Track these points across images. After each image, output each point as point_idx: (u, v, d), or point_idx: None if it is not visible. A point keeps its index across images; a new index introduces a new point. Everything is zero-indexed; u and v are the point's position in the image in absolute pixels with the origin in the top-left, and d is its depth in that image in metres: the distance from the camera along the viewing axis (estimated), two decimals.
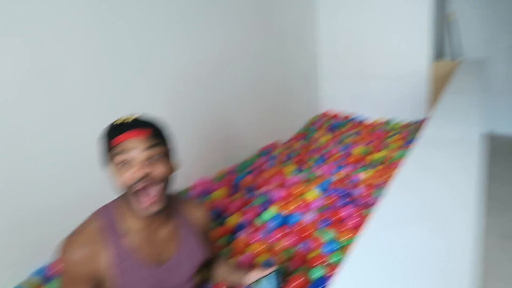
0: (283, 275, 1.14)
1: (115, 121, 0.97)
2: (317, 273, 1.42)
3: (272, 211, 1.85)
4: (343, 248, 1.56)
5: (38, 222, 1.45)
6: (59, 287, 1.06)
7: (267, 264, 1.47)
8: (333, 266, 1.45)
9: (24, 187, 1.42)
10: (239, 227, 1.75)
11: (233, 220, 1.79)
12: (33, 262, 1.46)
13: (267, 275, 1.13)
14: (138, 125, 0.95)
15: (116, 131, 0.95)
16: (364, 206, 1.86)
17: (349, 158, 2.63)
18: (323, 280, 1.38)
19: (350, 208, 1.82)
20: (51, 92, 1.47)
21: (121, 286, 1.01)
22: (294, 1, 3.25)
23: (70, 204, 1.52)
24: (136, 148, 0.93)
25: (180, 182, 2.12)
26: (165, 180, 0.98)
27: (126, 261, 1.01)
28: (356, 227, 1.68)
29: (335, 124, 3.47)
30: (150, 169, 0.94)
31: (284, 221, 1.81)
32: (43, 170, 1.46)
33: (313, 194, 1.99)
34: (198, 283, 1.28)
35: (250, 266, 1.32)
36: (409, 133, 3.10)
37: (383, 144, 2.91)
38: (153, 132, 0.96)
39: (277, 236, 1.67)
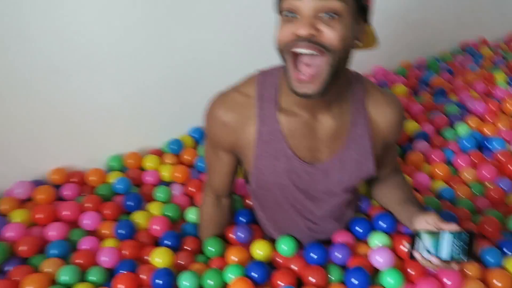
0: (472, 243, 0.70)
1: None
2: None
3: (467, 126, 1.44)
4: None
5: (199, 83, 1.37)
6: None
7: (446, 194, 1.15)
8: None
9: (190, 45, 1.32)
10: (419, 136, 1.40)
11: (413, 126, 1.44)
12: (194, 122, 1.42)
13: (450, 233, 0.73)
14: None
15: None
16: None
17: None
18: None
19: None
20: None
21: (259, 169, 0.84)
22: None
23: (240, 58, 1.37)
24: None
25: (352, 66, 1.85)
26: (337, 53, 0.66)
27: (274, 142, 0.81)
28: None
29: None
30: (317, 29, 0.64)
31: (481, 144, 1.40)
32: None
33: None
34: (356, 198, 1.03)
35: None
36: None
37: None
38: None
39: (468, 161, 1.29)
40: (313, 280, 0.87)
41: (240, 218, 1.08)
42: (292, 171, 0.83)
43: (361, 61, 1.92)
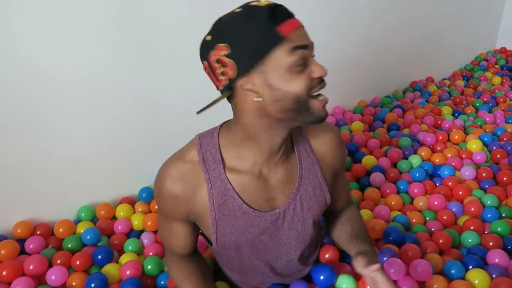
0: None
1: (258, 3, 0.65)
2: (471, 238, 1.14)
3: (419, 157, 1.54)
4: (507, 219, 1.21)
5: (169, 131, 1.40)
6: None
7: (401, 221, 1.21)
8: (493, 237, 1.13)
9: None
10: (375, 170, 1.48)
11: (370, 160, 1.52)
12: None
13: None
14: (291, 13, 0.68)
15: (281, 16, 0.64)
16: None
17: None
18: (479, 250, 1.09)
19: None
20: None
21: (220, 231, 0.81)
22: None
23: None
24: (308, 41, 0.68)
25: None
26: None
27: (229, 202, 0.78)
28: None
29: None
30: None
31: (432, 172, 1.50)
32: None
33: (476, 144, 1.60)
34: (321, 235, 1.06)
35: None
36: None
37: None
38: None
39: (422, 189, 1.37)
40: None
41: None
42: (254, 225, 0.81)
43: None
